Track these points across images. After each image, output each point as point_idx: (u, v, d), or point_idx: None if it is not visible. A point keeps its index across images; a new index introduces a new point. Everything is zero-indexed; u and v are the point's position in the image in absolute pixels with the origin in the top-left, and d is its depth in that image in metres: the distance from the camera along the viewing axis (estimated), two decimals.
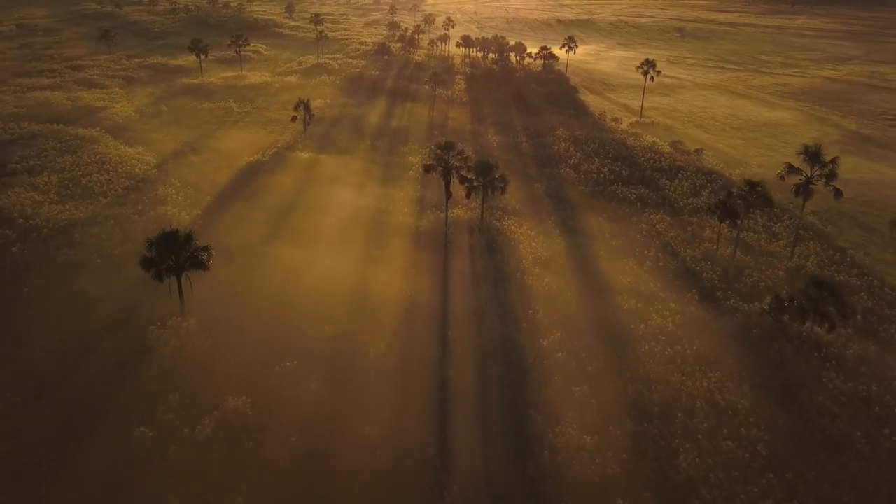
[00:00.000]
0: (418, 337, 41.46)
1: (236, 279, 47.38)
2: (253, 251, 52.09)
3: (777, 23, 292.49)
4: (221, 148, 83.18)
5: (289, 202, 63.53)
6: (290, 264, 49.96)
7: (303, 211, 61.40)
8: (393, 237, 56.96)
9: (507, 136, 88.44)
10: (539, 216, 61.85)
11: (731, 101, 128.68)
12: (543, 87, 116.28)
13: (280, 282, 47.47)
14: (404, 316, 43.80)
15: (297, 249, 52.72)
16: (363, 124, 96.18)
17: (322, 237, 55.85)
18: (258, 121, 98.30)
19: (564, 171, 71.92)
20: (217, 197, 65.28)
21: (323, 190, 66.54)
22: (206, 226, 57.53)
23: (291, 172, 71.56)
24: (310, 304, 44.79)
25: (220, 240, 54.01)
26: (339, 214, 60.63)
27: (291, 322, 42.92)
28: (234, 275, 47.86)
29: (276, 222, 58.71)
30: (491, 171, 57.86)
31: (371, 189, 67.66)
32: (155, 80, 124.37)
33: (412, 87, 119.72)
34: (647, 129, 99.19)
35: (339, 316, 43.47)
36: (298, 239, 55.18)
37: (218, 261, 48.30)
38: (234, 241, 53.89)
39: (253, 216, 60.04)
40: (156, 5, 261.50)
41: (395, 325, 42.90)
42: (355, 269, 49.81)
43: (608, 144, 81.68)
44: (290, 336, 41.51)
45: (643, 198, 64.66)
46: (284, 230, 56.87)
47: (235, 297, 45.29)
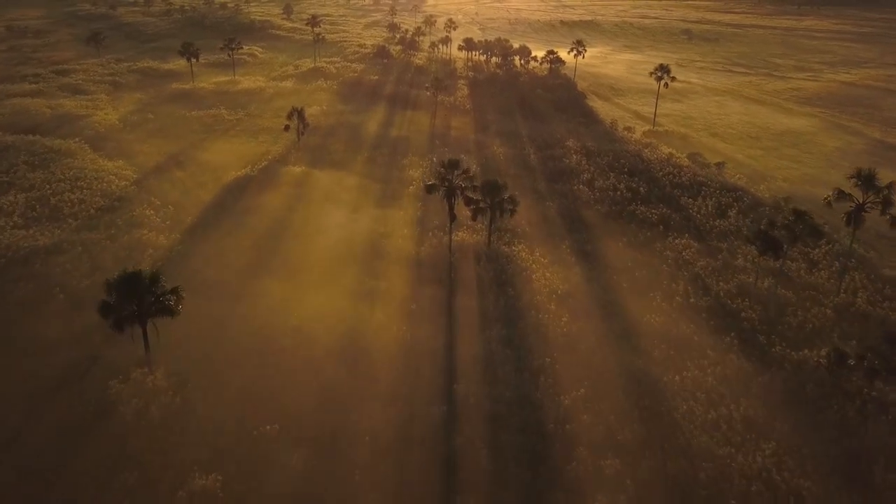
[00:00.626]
0: (420, 393, 35.91)
1: (213, 321, 41.79)
2: (234, 287, 46.48)
3: (785, 24, 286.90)
4: (208, 161, 77.63)
5: (277, 225, 57.94)
6: (274, 303, 44.36)
7: (292, 236, 55.82)
8: (391, 266, 51.40)
9: (513, 148, 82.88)
10: (552, 240, 56.27)
11: (746, 107, 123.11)
12: (550, 92, 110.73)
13: (263, 325, 41.89)
14: (403, 366, 38.25)
15: (283, 284, 47.11)
16: (360, 134, 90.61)
17: (312, 268, 50.25)
18: (249, 129, 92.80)
19: (578, 188, 66.32)
20: (199, 218, 59.71)
21: (315, 211, 60.92)
22: (184, 254, 52.08)
23: (281, 189, 65.98)
24: (296, 353, 39.24)
25: (198, 272, 48.59)
26: (331, 240, 55.03)
27: (274, 374, 37.39)
28: (211, 316, 42.26)
29: (261, 250, 53.12)
30: (499, 191, 52.34)
31: (368, 209, 62.06)
32: (143, 85, 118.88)
33: (412, 93, 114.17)
34: (662, 138, 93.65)
35: (328, 367, 37.93)
36: (285, 271, 49.58)
37: (194, 299, 42.78)
38: (214, 273, 48.34)
39: (237, 242, 54.46)
40: (151, 6, 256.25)
41: (393, 379, 37.35)
42: (348, 308, 44.22)
43: (623, 157, 76.08)
44: (272, 392, 35.99)
45: (665, 219, 59.07)
46: (270, 260, 51.27)
47: (211, 344, 39.72)
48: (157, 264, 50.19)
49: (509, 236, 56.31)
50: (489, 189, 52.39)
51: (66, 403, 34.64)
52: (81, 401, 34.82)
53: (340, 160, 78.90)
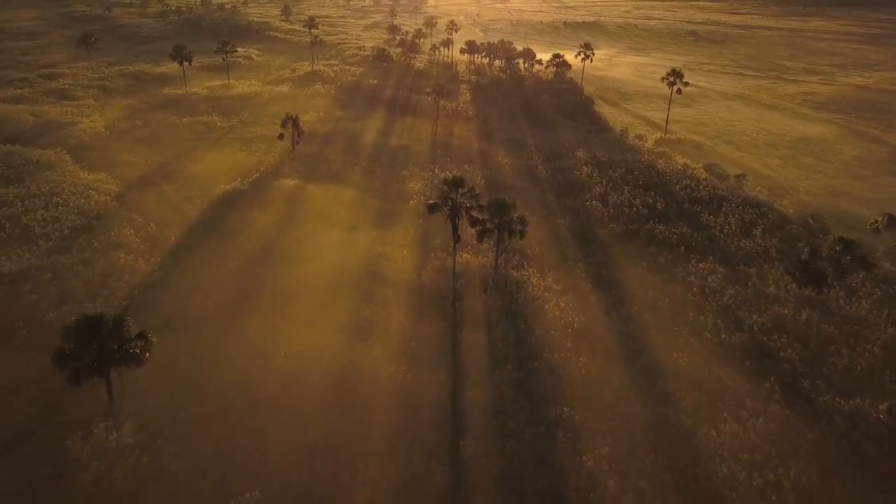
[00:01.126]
0: (421, 453, 31.50)
1: (191, 363, 37.43)
2: (216, 321, 42.07)
3: (791, 25, 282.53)
4: (197, 172, 73.25)
5: (266, 247, 53.51)
6: (260, 340, 39.94)
7: (282, 260, 51.37)
8: (390, 294, 47.01)
9: (519, 158, 78.47)
10: (565, 263, 51.86)
11: (759, 112, 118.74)
12: (556, 97, 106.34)
13: (246, 367, 37.50)
14: (403, 418, 33.85)
15: (270, 318, 42.69)
16: (358, 142, 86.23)
17: (303, 298, 45.81)
18: (242, 137, 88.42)
19: (590, 204, 61.89)
20: (183, 239, 55.32)
21: (307, 230, 56.48)
22: (163, 281, 47.70)
23: (273, 206, 61.58)
24: (282, 401, 34.87)
25: (177, 304, 44.27)
26: (325, 264, 50.59)
27: (257, 427, 33.01)
28: (188, 357, 37.91)
29: (248, 277, 48.71)
30: (507, 211, 47.95)
31: (365, 228, 57.60)
32: (133, 90, 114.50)
33: (413, 98, 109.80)
34: (675, 147, 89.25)
35: (317, 420, 33.55)
36: (274, 301, 45.15)
37: (170, 336, 38.63)
38: (194, 305, 43.98)
39: (222, 267, 50.06)
40: (147, 7, 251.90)
41: (391, 432, 32.95)
42: (341, 346, 39.84)
43: (636, 169, 71.66)
44: (255, 449, 31.61)
45: (686, 239, 54.63)
46: (257, 289, 46.85)
47: (187, 391, 35.34)
48: (134, 292, 46.07)
49: (518, 258, 51.91)
50: (496, 208, 48.02)
51: (17, 467, 30.28)
52: (35, 462, 30.45)
53: (337, 171, 74.50)
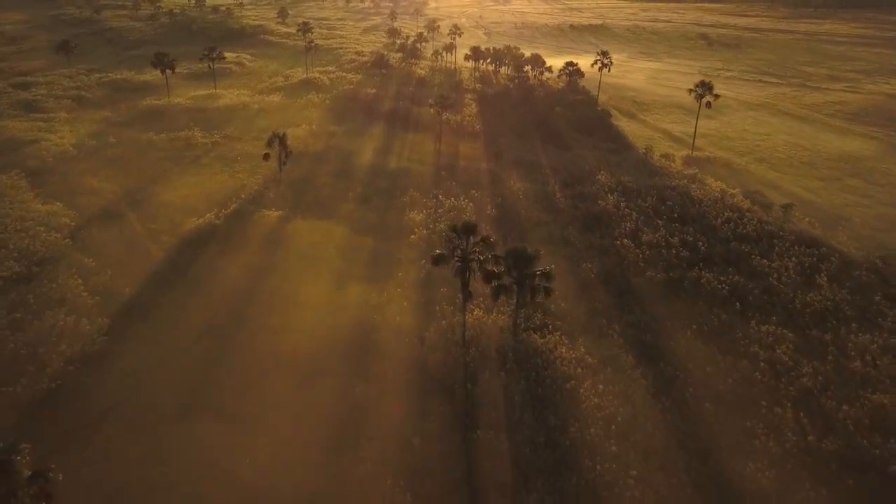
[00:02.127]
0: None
1: (126, 481, 28.71)
2: (165, 416, 33.34)
3: (804, 28, 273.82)
4: (169, 200, 64.56)
5: (237, 306, 44.73)
6: (217, 450, 31.20)
7: (254, 323, 42.62)
8: (385, 370, 38.29)
9: (534, 182, 69.65)
10: (597, 322, 43.05)
11: (787, 124, 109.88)
12: (570, 110, 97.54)
13: (197, 487, 28.77)
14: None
15: (234, 409, 33.98)
16: (353, 163, 77.48)
17: (276, 379, 37.12)
18: (225, 157, 79.66)
19: (620, 243, 53.05)
20: (141, 291, 46.61)
21: (288, 283, 47.61)
22: (108, 353, 39.05)
23: (250, 247, 52.81)
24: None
25: (121, 389, 35.64)
26: (306, 330, 41.83)
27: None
28: (122, 471, 29.19)
29: (213, 347, 40.09)
30: (529, 263, 39.26)
31: (357, 278, 48.68)
32: (112, 100, 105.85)
33: (414, 111, 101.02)
34: (704, 167, 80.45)
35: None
36: (240, 386, 36.48)
37: (102, 439, 29.98)
38: (142, 392, 35.42)
39: (183, 334, 41.43)
40: (139, 10, 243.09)
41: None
42: (319, 457, 31.05)
43: (669, 197, 62.83)
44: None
45: (740, 291, 45.80)
46: (222, 366, 38.13)
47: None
48: (69, 368, 37.35)
49: (540, 315, 43.13)
50: (515, 260, 39.29)
51: None
52: None
53: (327, 199, 65.73)
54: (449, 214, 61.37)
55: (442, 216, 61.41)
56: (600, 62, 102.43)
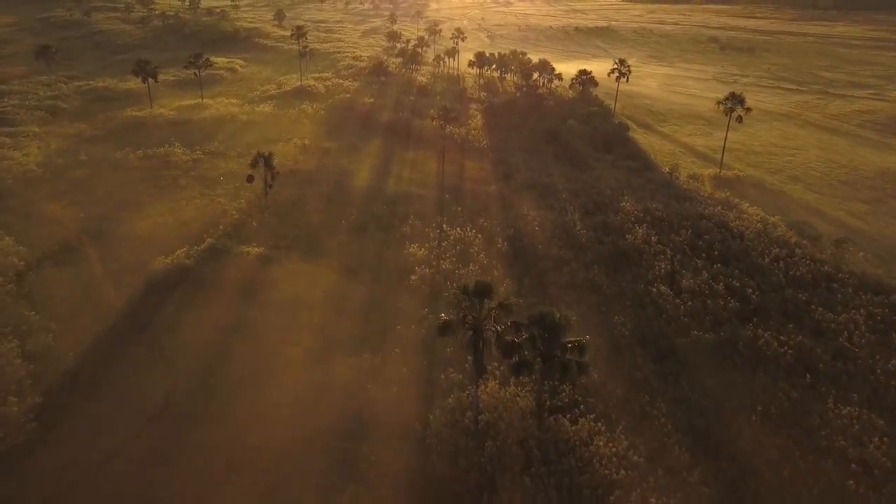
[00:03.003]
0: None
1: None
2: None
3: (815, 30, 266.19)
4: (137, 232, 57.02)
5: (200, 379, 37.06)
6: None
7: (219, 406, 34.94)
8: (378, 466, 30.67)
9: (550, 209, 61.97)
10: (638, 399, 35.38)
11: (817, 136, 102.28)
12: (584, 123, 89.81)
13: None
14: None
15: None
16: (347, 185, 69.90)
17: (243, 484, 29.45)
18: (206, 177, 72.05)
19: (656, 290, 45.36)
20: (88, 356, 39.00)
21: (264, 348, 39.79)
22: (31, 451, 31.36)
23: (222, 298, 45.09)
24: None
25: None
26: (282, 415, 34.18)
27: None
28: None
29: (167, 438, 32.38)
30: (558, 333, 31.69)
31: (346, 343, 40.83)
32: (89, 111, 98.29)
33: (415, 123, 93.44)
34: (735, 188, 72.91)
35: None
36: (194, 498, 28.79)
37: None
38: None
39: (132, 419, 33.76)
40: (131, 12, 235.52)
41: None
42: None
43: (705, 229, 55.15)
44: None
45: (806, 356, 38.15)
46: (175, 468, 30.46)
47: None
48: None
49: (569, 389, 35.49)
50: (541, 329, 31.72)
51: None
52: None
53: (317, 229, 58.14)
54: (454, 249, 53.87)
55: (446, 251, 53.90)
56: (618, 71, 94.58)
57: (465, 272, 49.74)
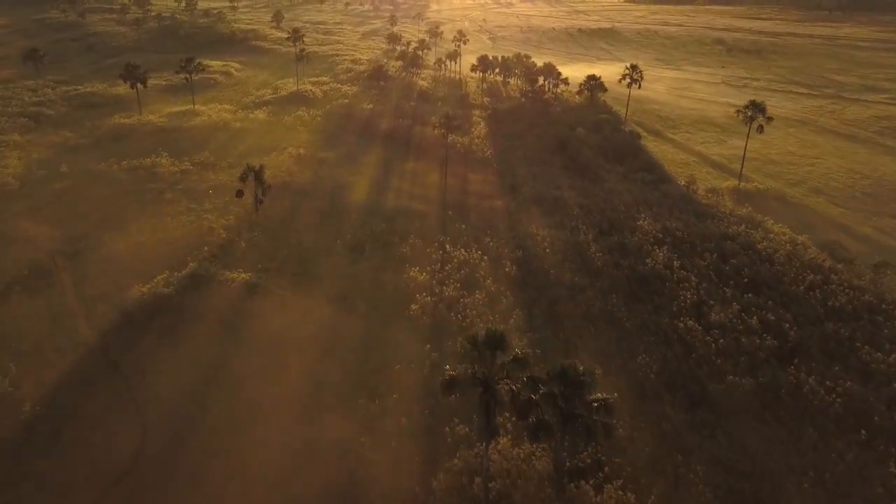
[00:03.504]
0: None
1: None
2: None
3: (821, 32, 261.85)
4: (116, 253, 52.82)
5: (172, 433, 32.75)
6: None
7: (188, 474, 30.58)
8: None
9: (561, 228, 57.60)
10: (670, 460, 31.08)
11: (835, 144, 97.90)
12: (594, 131, 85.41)
13: None
14: None
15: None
16: (344, 199, 65.64)
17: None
18: (193, 190, 67.82)
19: (684, 325, 41.00)
20: (49, 402, 34.76)
21: (247, 395, 35.46)
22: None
23: (203, 334, 40.79)
24: None
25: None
26: (263, 486, 29.82)
27: None
28: None
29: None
30: (581, 390, 27.46)
31: (339, 391, 36.53)
32: (75, 118, 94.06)
33: (416, 131, 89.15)
34: (756, 201, 68.62)
35: None
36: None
37: None
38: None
39: (85, 485, 29.46)
40: (127, 14, 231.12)
41: None
42: None
43: (731, 252, 50.83)
44: None
45: (857, 405, 33.84)
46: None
47: None
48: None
49: (590, 448, 31.15)
50: (563, 386, 27.47)
51: None
52: None
53: (310, 250, 53.92)
54: (458, 273, 49.59)
55: (450, 275, 49.63)
56: (629, 77, 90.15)
57: (471, 301, 45.54)
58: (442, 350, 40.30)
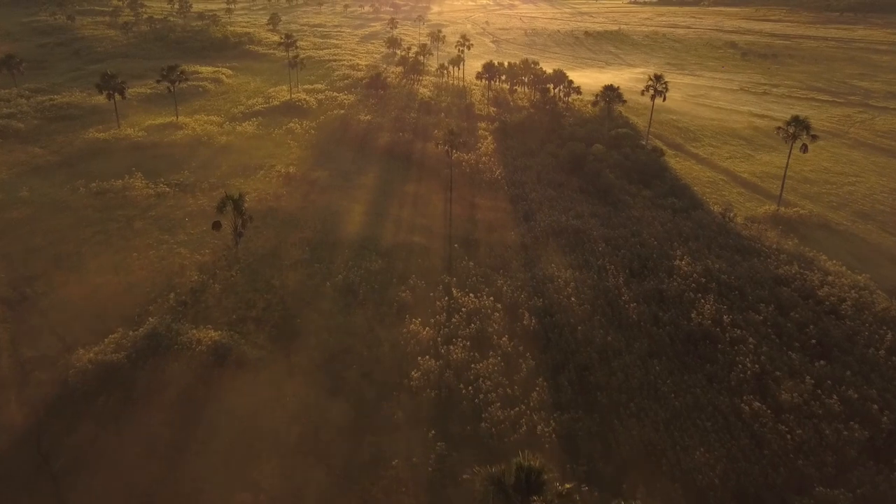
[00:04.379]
0: None
1: None
2: None
3: (835, 34, 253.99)
4: (67, 301, 45.22)
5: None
6: None
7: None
8: None
9: (586, 268, 49.84)
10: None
11: (872, 159, 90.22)
12: (614, 148, 77.54)
13: None
14: None
15: None
16: (336, 231, 57.99)
17: None
18: (167, 218, 60.31)
19: (749, 408, 33.30)
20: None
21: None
22: None
23: (154, 420, 33.09)
24: None
25: None
26: None
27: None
28: None
29: None
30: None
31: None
32: (48, 132, 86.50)
33: (417, 146, 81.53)
34: (800, 231, 60.99)
35: None
36: None
37: None
38: None
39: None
40: (119, 17, 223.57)
41: None
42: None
43: (789, 301, 43.09)
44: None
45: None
46: None
47: None
48: None
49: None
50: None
51: None
52: None
53: (295, 294, 46.32)
54: (468, 328, 42.01)
55: (458, 328, 42.08)
56: (653, 88, 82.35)
57: (483, 366, 37.95)
58: (449, 436, 32.80)
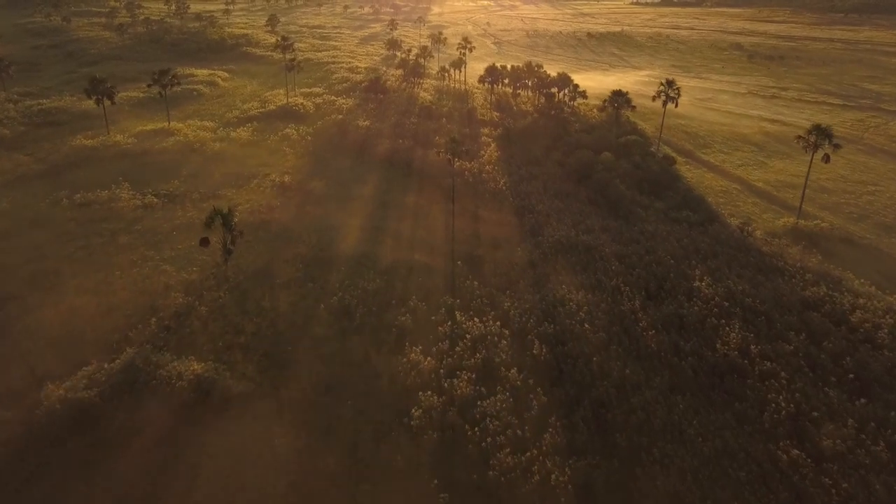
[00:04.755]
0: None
1: None
2: None
3: (841, 35, 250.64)
4: (41, 326, 41.97)
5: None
6: None
7: None
8: None
9: (598, 289, 46.58)
10: None
11: (890, 167, 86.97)
12: (623, 156, 74.20)
13: None
14: None
15: None
16: (331, 247, 54.69)
17: None
18: (153, 232, 57.10)
19: (786, 456, 30.02)
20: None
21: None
22: None
23: (126, 464, 29.81)
24: None
25: None
26: None
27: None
28: None
29: None
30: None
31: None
32: (34, 138, 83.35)
33: (418, 154, 78.32)
34: (823, 246, 57.71)
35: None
36: None
37: None
38: None
39: None
40: (115, 18, 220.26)
41: None
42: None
43: (821, 329, 39.84)
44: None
45: None
46: None
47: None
48: None
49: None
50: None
51: None
52: None
53: (286, 319, 43.11)
54: (473, 358, 38.76)
55: (461, 357, 38.85)
56: (665, 95, 79.05)
57: (490, 403, 34.70)
58: (454, 485, 29.56)
